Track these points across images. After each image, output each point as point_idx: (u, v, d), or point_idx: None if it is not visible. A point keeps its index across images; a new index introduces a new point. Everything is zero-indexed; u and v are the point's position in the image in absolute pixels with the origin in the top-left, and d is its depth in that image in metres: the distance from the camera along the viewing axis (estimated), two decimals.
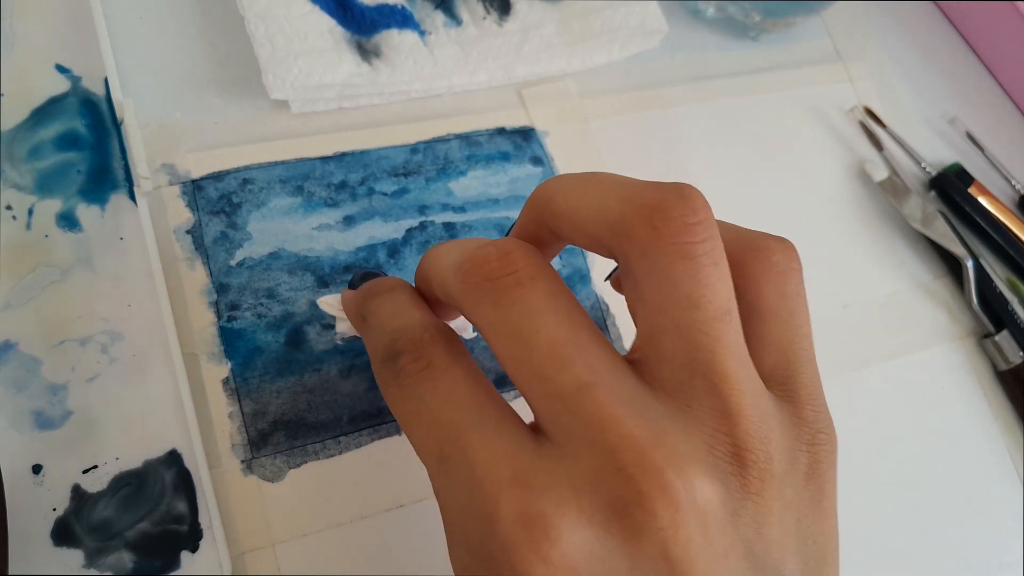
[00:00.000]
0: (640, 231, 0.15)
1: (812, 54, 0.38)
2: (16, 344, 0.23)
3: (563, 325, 0.15)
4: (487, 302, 0.16)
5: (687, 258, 0.15)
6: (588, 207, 0.16)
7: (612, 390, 0.14)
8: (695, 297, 0.15)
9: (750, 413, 0.15)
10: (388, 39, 0.29)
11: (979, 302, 0.34)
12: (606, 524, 0.14)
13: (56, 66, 0.27)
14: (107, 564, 0.21)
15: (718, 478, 0.14)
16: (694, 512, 0.14)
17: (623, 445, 0.14)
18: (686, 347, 0.15)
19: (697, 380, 0.15)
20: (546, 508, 0.13)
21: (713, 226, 0.15)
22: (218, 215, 0.26)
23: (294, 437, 0.24)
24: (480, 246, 0.16)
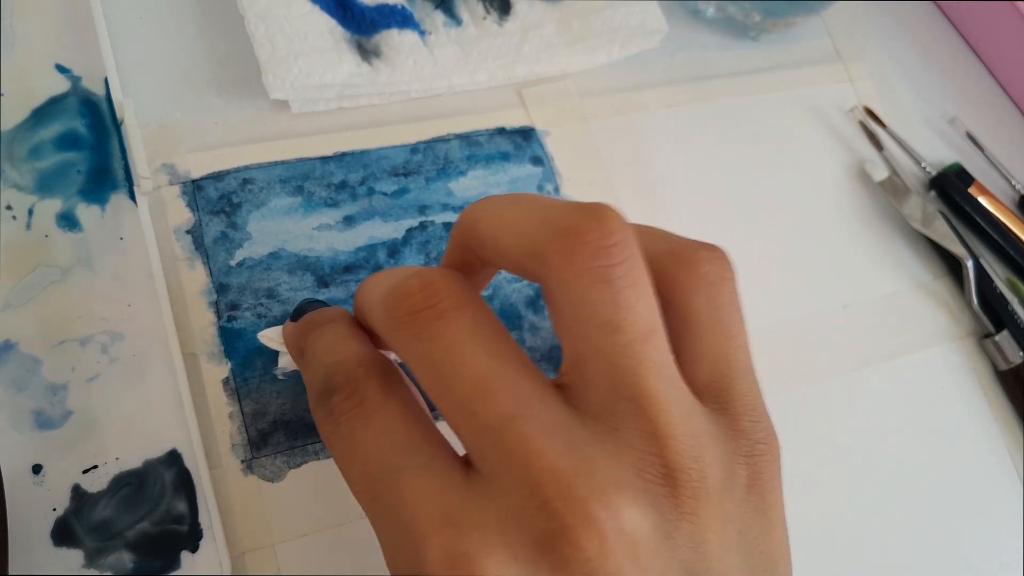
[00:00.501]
0: (555, 257, 0.15)
1: (812, 54, 0.38)
2: (16, 344, 0.23)
3: (487, 356, 0.15)
4: (409, 336, 0.15)
5: (604, 282, 0.14)
6: (509, 232, 0.16)
7: (537, 420, 0.14)
8: (615, 321, 0.14)
9: (679, 432, 0.14)
10: (388, 39, 0.29)
11: (979, 302, 0.34)
12: (533, 560, 0.13)
13: (56, 66, 0.27)
14: (107, 564, 0.21)
15: (648, 502, 0.14)
16: (622, 540, 0.13)
17: (547, 478, 0.14)
18: (609, 371, 0.15)
19: (623, 403, 0.14)
20: (471, 547, 0.13)
21: (631, 246, 0.15)
22: (218, 215, 0.26)
23: (294, 437, 0.24)
24: (405, 277, 0.16)
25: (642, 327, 0.15)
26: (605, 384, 0.15)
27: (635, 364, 0.14)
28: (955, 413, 0.33)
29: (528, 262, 0.16)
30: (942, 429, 0.32)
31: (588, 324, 0.15)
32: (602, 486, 0.14)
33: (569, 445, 0.14)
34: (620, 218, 0.15)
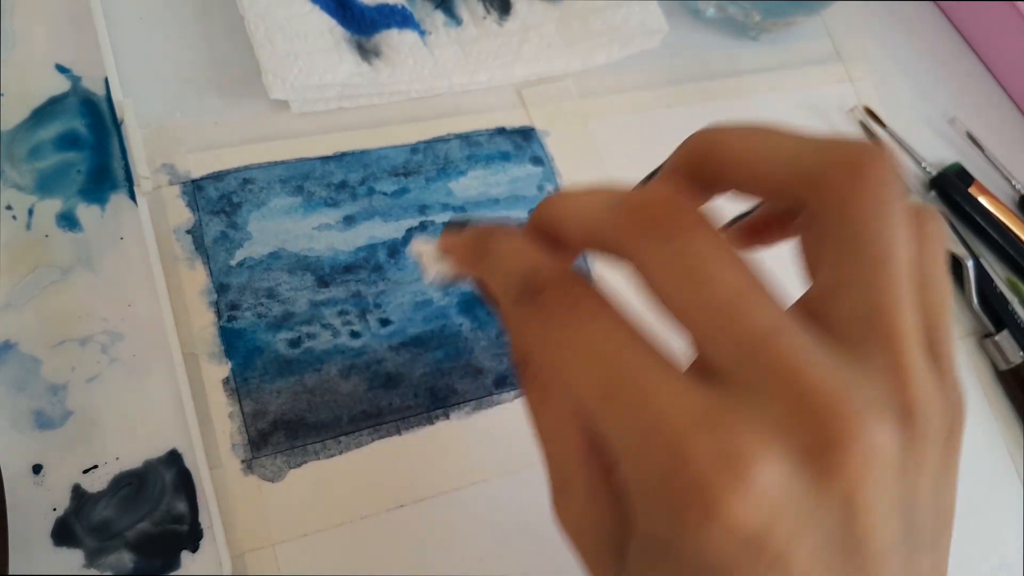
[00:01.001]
0: (841, 182, 0.15)
1: (812, 54, 0.38)
2: (16, 344, 0.23)
3: (741, 272, 0.15)
4: (655, 241, 0.15)
5: (883, 216, 0.15)
6: (775, 154, 0.16)
7: (796, 337, 0.14)
8: (886, 255, 0.15)
9: (919, 373, 0.15)
10: (388, 39, 0.29)
11: (979, 302, 0.34)
12: (797, 465, 0.14)
13: (56, 66, 0.27)
14: (107, 564, 0.21)
15: (895, 431, 0.14)
16: (880, 460, 0.14)
17: (813, 391, 0.14)
18: (869, 303, 0.15)
19: (875, 336, 0.15)
20: (743, 447, 0.13)
21: (903, 188, 0.15)
22: (218, 215, 0.26)
23: (294, 437, 0.24)
24: (642, 189, 0.16)
25: (907, 267, 0.15)
26: (861, 314, 0.15)
27: (894, 301, 0.15)
28: None
29: (798, 185, 0.16)
30: None
31: (859, 253, 0.15)
32: (863, 407, 0.14)
33: (828, 365, 0.14)
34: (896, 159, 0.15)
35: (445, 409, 0.26)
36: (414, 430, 0.25)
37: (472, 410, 0.26)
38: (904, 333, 0.15)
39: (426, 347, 0.26)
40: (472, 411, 0.26)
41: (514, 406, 0.27)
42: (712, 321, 0.15)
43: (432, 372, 0.26)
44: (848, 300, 0.15)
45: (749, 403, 0.14)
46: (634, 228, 0.16)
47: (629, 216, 0.16)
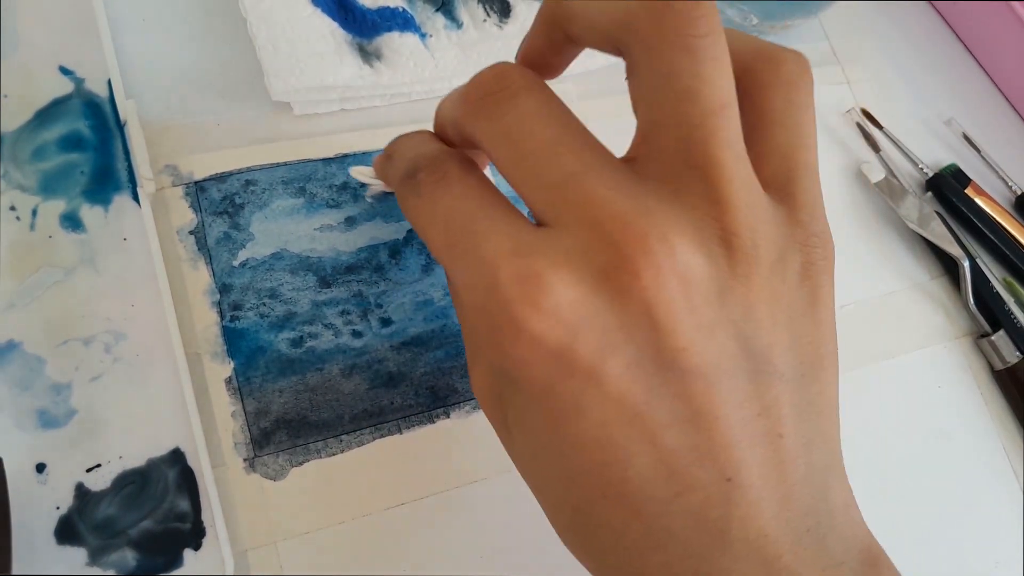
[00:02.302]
0: (644, 24, 0.16)
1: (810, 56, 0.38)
2: (20, 343, 0.23)
3: (554, 127, 0.16)
4: (485, 116, 0.17)
5: (687, 51, 0.15)
6: (601, 4, 0.17)
7: (601, 177, 0.15)
8: (693, 90, 0.15)
9: (739, 202, 0.15)
10: (389, 42, 0.29)
11: (975, 302, 0.34)
12: (595, 285, 0.15)
13: (60, 68, 0.27)
14: (110, 562, 0.22)
15: (703, 253, 0.15)
16: (677, 276, 0.15)
17: (610, 218, 0.15)
18: (680, 140, 0.15)
19: (689, 170, 0.15)
20: (540, 268, 0.15)
21: (717, 23, 0.16)
22: (221, 216, 0.26)
23: (296, 436, 0.24)
24: (478, 73, 0.17)
25: (718, 99, 0.15)
26: (674, 152, 0.15)
27: (707, 134, 0.15)
28: (951, 412, 0.33)
29: (616, 31, 0.16)
30: (939, 428, 0.33)
31: (667, 93, 0.15)
32: (661, 227, 0.15)
33: (632, 197, 0.15)
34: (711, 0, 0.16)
35: (446, 408, 0.26)
36: (415, 429, 0.26)
37: (472, 409, 0.26)
38: (721, 163, 0.15)
39: (427, 347, 0.27)
40: (472, 410, 0.26)
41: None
42: (527, 174, 0.16)
43: (433, 371, 0.26)
44: (661, 140, 0.16)
45: (555, 236, 0.15)
46: (469, 111, 0.17)
47: (466, 100, 0.18)
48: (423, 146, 0.20)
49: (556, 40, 0.19)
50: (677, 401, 0.15)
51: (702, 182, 0.15)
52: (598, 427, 0.15)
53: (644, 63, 0.16)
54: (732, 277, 0.15)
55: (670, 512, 0.15)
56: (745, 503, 0.15)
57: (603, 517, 0.15)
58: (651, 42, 0.15)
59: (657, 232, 0.14)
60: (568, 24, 0.18)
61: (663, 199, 0.15)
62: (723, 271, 0.15)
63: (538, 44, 0.19)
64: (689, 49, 0.15)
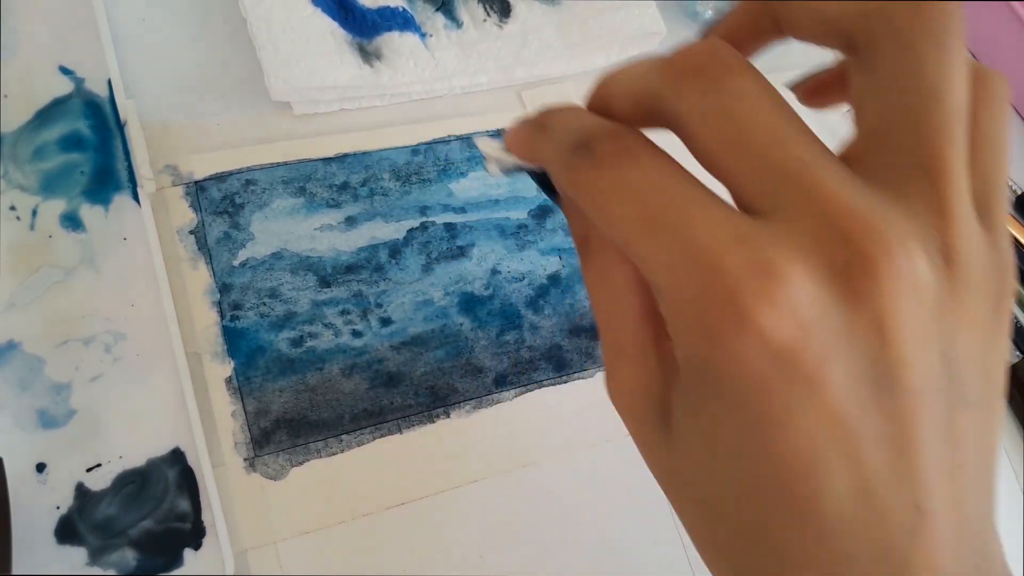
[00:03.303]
0: (901, 15, 0.15)
1: (810, 56, 0.38)
2: (20, 344, 0.23)
3: (779, 111, 0.15)
4: (696, 89, 0.15)
5: (941, 48, 0.15)
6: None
7: (833, 170, 0.14)
8: (941, 90, 0.15)
9: (963, 217, 0.15)
10: (389, 41, 0.29)
11: None
12: (830, 282, 0.14)
13: (60, 68, 0.27)
14: (110, 562, 0.22)
15: (932, 265, 0.14)
16: (912, 288, 0.14)
17: (847, 214, 0.14)
18: (916, 138, 0.15)
19: (918, 173, 0.15)
20: (775, 258, 0.13)
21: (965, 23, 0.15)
22: (221, 216, 0.26)
23: (296, 435, 0.24)
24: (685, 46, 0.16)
25: (959, 103, 0.15)
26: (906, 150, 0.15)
27: (943, 138, 0.15)
28: None
29: (857, 20, 0.15)
30: None
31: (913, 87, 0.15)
32: (900, 231, 0.14)
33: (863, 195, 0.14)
34: None
35: (445, 408, 0.26)
36: (415, 428, 0.26)
37: (472, 409, 0.26)
38: (952, 174, 0.14)
39: (427, 346, 0.27)
40: (472, 410, 0.26)
41: (514, 405, 0.27)
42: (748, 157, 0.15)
43: (433, 371, 0.26)
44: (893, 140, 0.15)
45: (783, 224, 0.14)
46: (675, 82, 0.16)
47: (671, 71, 0.16)
48: (589, 119, 0.18)
49: (762, 27, 0.18)
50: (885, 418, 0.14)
51: (931, 190, 0.14)
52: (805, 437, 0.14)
53: (892, 54, 0.15)
54: (948, 293, 0.14)
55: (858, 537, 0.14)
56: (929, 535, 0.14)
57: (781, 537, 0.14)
58: (905, 32, 0.15)
59: (897, 235, 0.14)
60: (788, 10, 0.17)
61: (895, 203, 0.14)
62: (943, 285, 0.14)
63: (740, 27, 0.18)
64: (943, 47, 0.14)
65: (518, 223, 0.30)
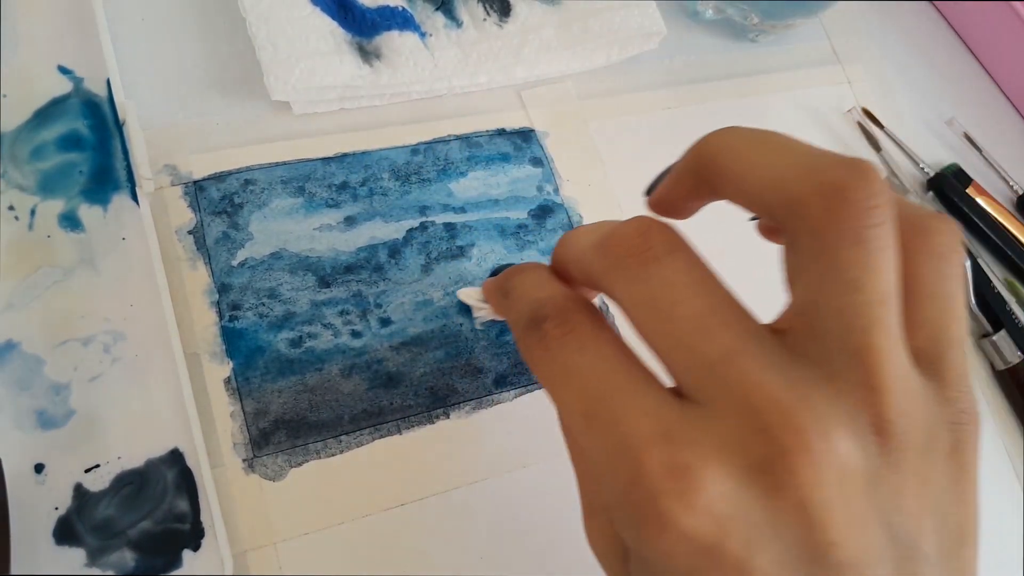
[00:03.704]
0: (815, 211, 0.15)
1: (810, 56, 0.38)
2: (19, 344, 0.23)
3: (704, 296, 0.15)
4: (626, 277, 0.16)
5: (859, 243, 0.15)
6: (759, 172, 0.16)
7: (756, 356, 0.15)
8: (860, 282, 0.15)
9: (895, 388, 0.15)
10: (389, 41, 0.29)
11: (977, 302, 0.34)
12: (748, 479, 0.14)
13: (58, 67, 0.27)
14: (109, 563, 0.21)
15: (859, 444, 0.14)
16: (834, 473, 0.14)
17: (767, 407, 0.14)
18: (841, 326, 0.15)
19: (845, 356, 0.15)
20: (691, 460, 0.14)
21: (890, 209, 0.15)
22: (220, 215, 0.26)
23: (295, 436, 0.24)
24: (619, 225, 0.17)
25: (883, 290, 0.15)
26: (832, 337, 0.15)
27: (868, 324, 0.15)
28: None
29: (778, 209, 0.16)
30: None
31: (832, 280, 0.15)
32: (820, 420, 0.14)
33: (788, 382, 0.14)
34: (883, 180, 0.15)
35: (445, 408, 0.26)
36: (414, 429, 0.26)
37: (472, 409, 0.26)
38: (880, 352, 0.15)
39: (426, 347, 0.27)
40: (472, 411, 0.26)
41: (514, 405, 0.27)
42: (676, 346, 0.15)
43: (432, 372, 0.26)
44: (820, 324, 0.15)
45: (706, 419, 0.15)
46: (609, 265, 0.17)
47: (604, 254, 0.17)
48: (544, 288, 0.19)
49: (700, 192, 0.18)
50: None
51: (859, 368, 0.15)
52: None
53: (809, 248, 0.15)
54: (884, 466, 0.15)
55: None
56: None
57: None
58: (820, 230, 0.15)
59: (816, 426, 0.14)
60: (720, 184, 0.17)
61: (818, 383, 0.15)
62: (875, 460, 0.15)
63: (679, 191, 0.19)
64: (860, 241, 0.15)
65: (518, 223, 0.30)
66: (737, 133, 0.17)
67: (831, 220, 0.15)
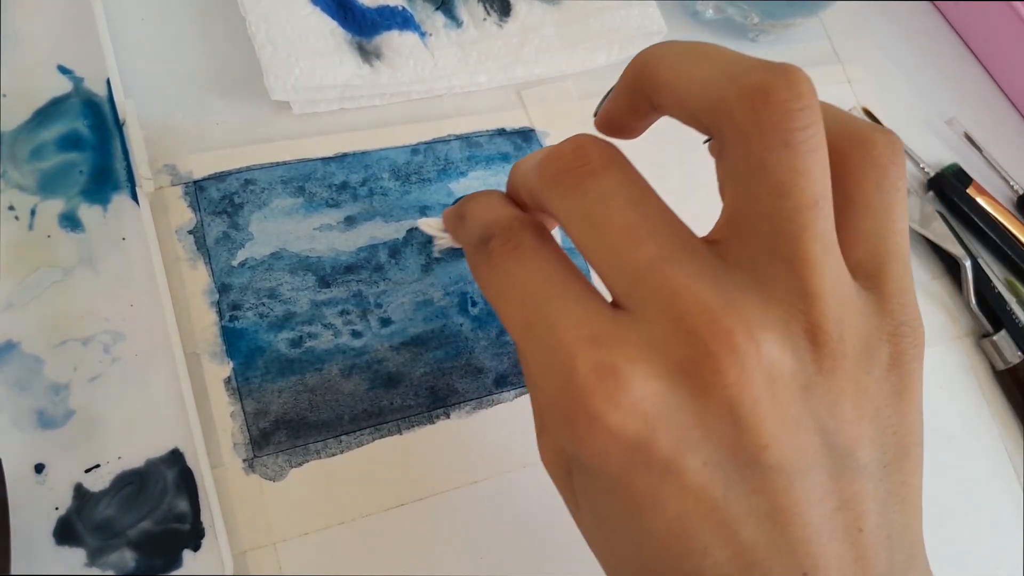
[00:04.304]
0: (740, 114, 0.15)
1: (811, 55, 0.38)
2: (19, 344, 0.23)
3: (636, 208, 0.16)
4: (563, 192, 0.16)
5: (784, 146, 0.15)
6: (691, 80, 0.16)
7: (684, 263, 0.15)
8: (787, 185, 0.15)
9: (828, 295, 0.15)
10: (389, 41, 0.29)
11: (977, 302, 0.34)
12: (675, 380, 0.14)
13: (58, 67, 0.27)
14: (109, 563, 0.21)
15: (790, 349, 0.14)
16: (762, 374, 0.14)
17: (693, 310, 0.14)
18: (770, 232, 0.15)
19: (778, 262, 0.15)
20: (618, 360, 0.14)
21: (817, 112, 0.15)
22: (220, 215, 0.26)
23: (296, 436, 0.24)
24: (558, 144, 0.17)
25: (812, 194, 0.15)
26: (763, 243, 0.15)
27: (798, 229, 0.15)
28: (953, 412, 0.33)
29: (707, 114, 0.16)
30: (940, 428, 0.33)
31: (759, 185, 0.15)
32: (747, 322, 0.14)
33: (716, 287, 0.15)
34: (810, 82, 0.15)
35: (445, 408, 0.26)
36: (415, 429, 0.26)
37: (472, 409, 0.26)
38: (812, 258, 0.15)
39: (427, 347, 0.27)
40: (472, 410, 0.26)
41: (514, 405, 0.27)
42: (608, 255, 0.16)
43: (433, 372, 0.26)
44: (750, 231, 0.15)
45: (635, 324, 0.15)
46: (546, 184, 0.17)
47: (543, 171, 0.17)
48: (496, 210, 0.19)
49: (640, 107, 0.18)
50: (756, 497, 0.14)
51: (791, 274, 0.15)
52: (674, 520, 0.14)
53: (736, 153, 0.15)
54: (818, 372, 0.15)
55: None
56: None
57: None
58: (745, 133, 0.15)
59: (743, 328, 0.14)
60: (655, 94, 0.17)
61: (748, 289, 0.15)
62: (808, 366, 0.15)
63: (620, 108, 0.19)
64: (787, 144, 0.14)
65: None
66: (671, 46, 0.17)
67: (756, 122, 0.15)
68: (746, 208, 0.15)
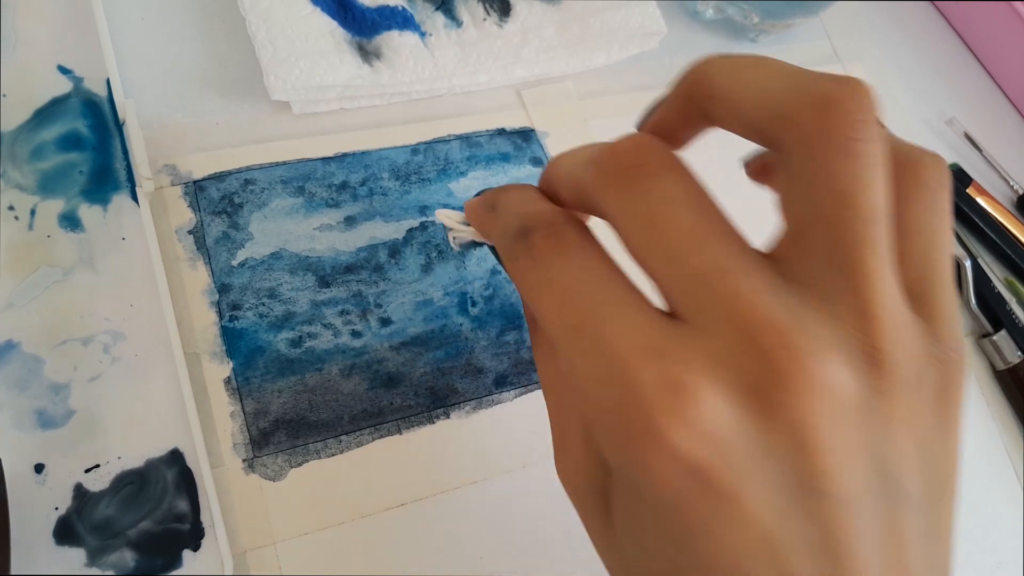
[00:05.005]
0: (807, 122, 0.15)
1: (810, 55, 0.38)
2: (19, 344, 0.23)
3: (698, 213, 0.15)
4: (620, 191, 0.16)
5: (850, 155, 0.14)
6: (752, 90, 0.16)
7: (748, 273, 0.14)
8: (850, 195, 0.14)
9: (888, 316, 0.14)
10: (389, 41, 0.29)
11: (977, 302, 0.34)
12: (742, 399, 0.14)
13: (58, 67, 0.27)
14: (109, 563, 0.21)
15: (851, 370, 0.14)
16: (828, 399, 0.14)
17: (762, 326, 0.14)
18: (832, 243, 0.15)
19: (838, 278, 0.14)
20: (687, 376, 0.14)
21: (880, 127, 0.15)
22: (220, 215, 0.26)
23: (295, 436, 0.24)
24: (614, 141, 0.16)
25: (874, 207, 0.14)
26: (824, 256, 0.15)
27: (859, 242, 0.14)
28: None
29: (769, 123, 0.15)
30: None
31: (823, 195, 0.15)
32: (815, 343, 0.14)
33: (781, 302, 0.14)
34: (874, 96, 0.15)
35: (445, 408, 0.26)
36: (415, 429, 0.26)
37: (472, 409, 0.26)
38: (872, 274, 0.14)
39: (427, 347, 0.27)
40: (472, 410, 0.26)
41: (514, 405, 0.27)
42: (667, 259, 0.15)
43: (432, 372, 0.26)
44: (811, 243, 0.15)
45: (698, 336, 0.14)
46: (603, 182, 0.16)
47: (598, 171, 0.16)
48: (534, 203, 0.18)
49: (692, 117, 0.18)
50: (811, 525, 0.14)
51: (851, 292, 0.14)
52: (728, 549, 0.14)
53: (801, 161, 0.15)
54: (875, 396, 0.14)
55: None
56: None
57: None
58: (812, 141, 0.14)
59: (810, 346, 0.13)
60: (710, 105, 0.17)
61: (811, 307, 0.14)
62: (866, 389, 0.14)
63: (671, 117, 0.18)
64: (852, 153, 0.14)
65: None
66: (729, 57, 0.17)
67: (822, 131, 0.14)
68: (809, 219, 0.15)
